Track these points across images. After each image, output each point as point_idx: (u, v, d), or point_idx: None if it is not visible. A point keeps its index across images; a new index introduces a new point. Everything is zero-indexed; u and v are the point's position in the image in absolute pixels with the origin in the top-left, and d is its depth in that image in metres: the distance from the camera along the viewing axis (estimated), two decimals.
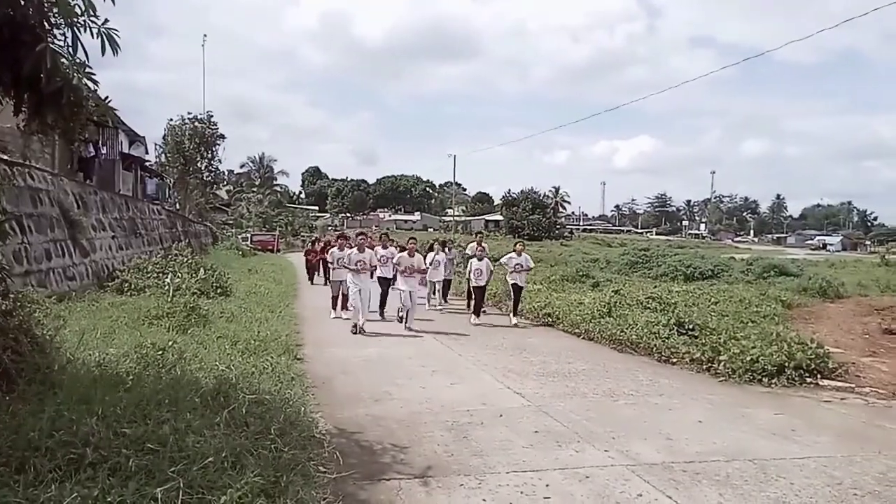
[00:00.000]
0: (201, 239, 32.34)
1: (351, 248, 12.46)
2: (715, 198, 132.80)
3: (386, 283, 13.16)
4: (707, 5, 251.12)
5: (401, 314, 11.97)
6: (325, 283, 20.17)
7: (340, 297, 13.13)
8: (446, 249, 15.97)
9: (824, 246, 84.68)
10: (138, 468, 3.45)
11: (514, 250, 13.30)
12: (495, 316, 13.82)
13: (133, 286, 12.92)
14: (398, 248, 13.80)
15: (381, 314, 12.91)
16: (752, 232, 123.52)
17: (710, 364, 8.41)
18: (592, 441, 5.46)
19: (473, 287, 13.09)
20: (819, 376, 7.85)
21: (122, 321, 8.87)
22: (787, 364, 7.81)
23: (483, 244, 14.13)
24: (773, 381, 7.71)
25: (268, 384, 5.94)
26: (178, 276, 13.11)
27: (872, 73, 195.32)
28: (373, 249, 12.61)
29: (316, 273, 21.84)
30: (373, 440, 5.31)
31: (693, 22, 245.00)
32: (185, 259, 16.71)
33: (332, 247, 14.94)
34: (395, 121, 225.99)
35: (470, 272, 13.33)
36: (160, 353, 6.25)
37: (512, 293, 12.91)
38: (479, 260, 13.19)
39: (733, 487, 4.48)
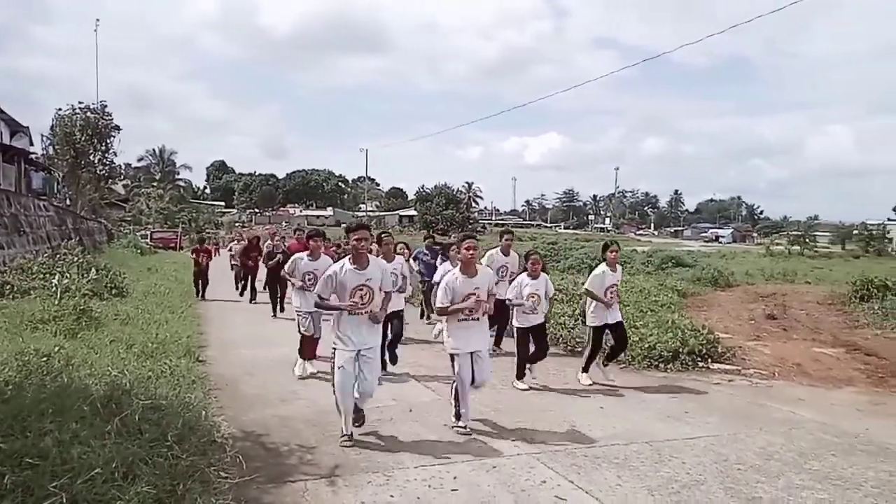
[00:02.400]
0: (95, 237, 30.29)
1: (338, 255, 7.70)
2: (619, 193, 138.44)
3: (398, 322, 7.84)
4: (610, 7, 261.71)
5: (460, 408, 5.62)
6: (248, 299, 15.21)
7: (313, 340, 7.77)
8: (451, 252, 9.80)
9: (717, 238, 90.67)
10: (15, 485, 3.19)
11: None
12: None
13: (15, 288, 11.88)
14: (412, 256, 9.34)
15: (392, 356, 7.84)
16: (652, 225, 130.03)
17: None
18: (500, 431, 5.58)
19: (523, 327, 7.34)
20: (710, 360, 8.41)
21: (2, 327, 8.17)
22: (681, 350, 8.32)
23: (534, 254, 7.57)
24: (669, 366, 8.18)
25: (165, 389, 5.63)
26: (67, 277, 12.21)
27: (756, 77, 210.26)
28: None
29: (204, 283, 15.98)
30: (279, 442, 5.18)
31: (597, 23, 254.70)
32: (76, 258, 15.59)
33: (287, 250, 10.35)
34: (304, 114, 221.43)
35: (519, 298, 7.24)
36: (45, 359, 5.76)
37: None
38: (534, 278, 7.26)
39: (631, 469, 4.71)
